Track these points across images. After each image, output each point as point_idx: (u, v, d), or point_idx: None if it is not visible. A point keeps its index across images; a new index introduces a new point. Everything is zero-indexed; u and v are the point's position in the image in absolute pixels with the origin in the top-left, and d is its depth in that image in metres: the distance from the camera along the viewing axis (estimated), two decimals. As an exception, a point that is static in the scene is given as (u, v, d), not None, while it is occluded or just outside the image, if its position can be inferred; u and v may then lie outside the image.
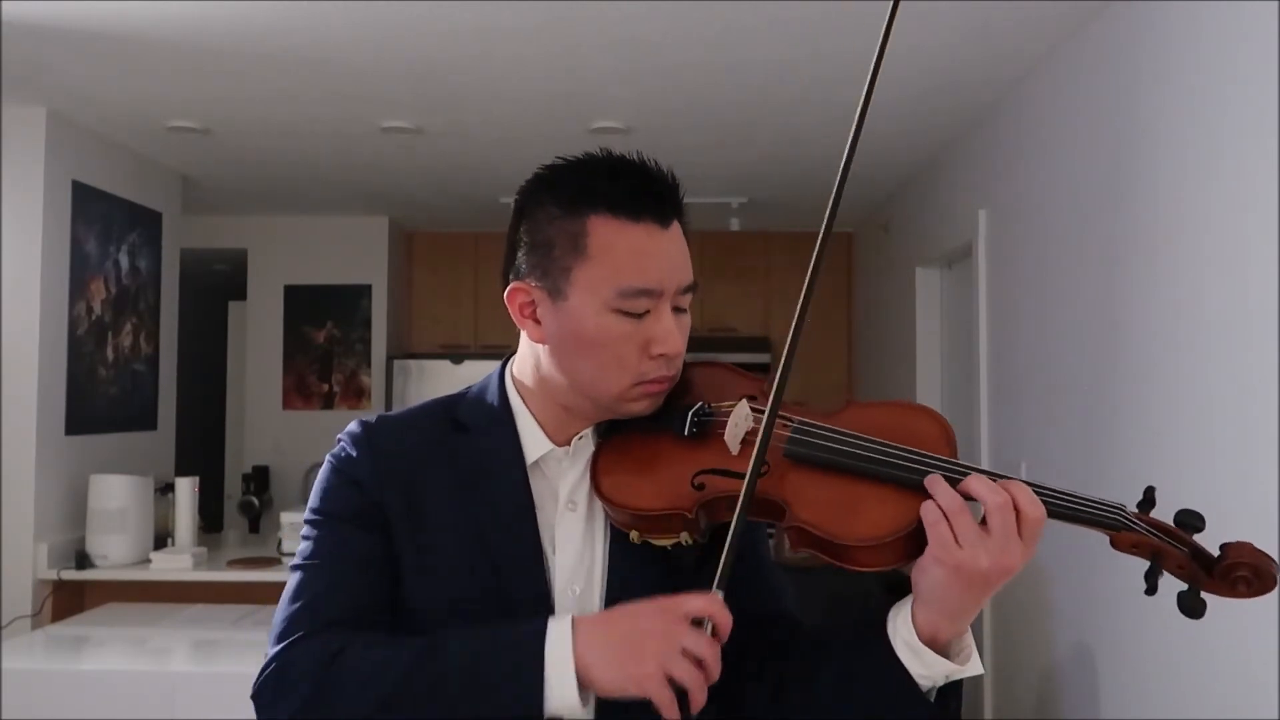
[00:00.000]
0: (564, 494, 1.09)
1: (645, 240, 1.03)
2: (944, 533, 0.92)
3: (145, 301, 4.33)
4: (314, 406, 5.77)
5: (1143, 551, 0.95)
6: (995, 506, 0.92)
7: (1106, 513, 0.95)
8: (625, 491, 1.04)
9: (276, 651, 0.99)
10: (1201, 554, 0.93)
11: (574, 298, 1.03)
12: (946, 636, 0.97)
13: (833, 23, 2.85)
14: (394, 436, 1.11)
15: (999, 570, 0.92)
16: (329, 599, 1.03)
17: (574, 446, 1.10)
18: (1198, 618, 0.91)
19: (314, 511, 1.09)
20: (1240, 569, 0.90)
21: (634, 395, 1.05)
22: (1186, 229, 2.30)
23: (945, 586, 0.94)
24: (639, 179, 1.04)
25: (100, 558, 3.68)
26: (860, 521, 0.95)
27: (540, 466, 1.10)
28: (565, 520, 1.09)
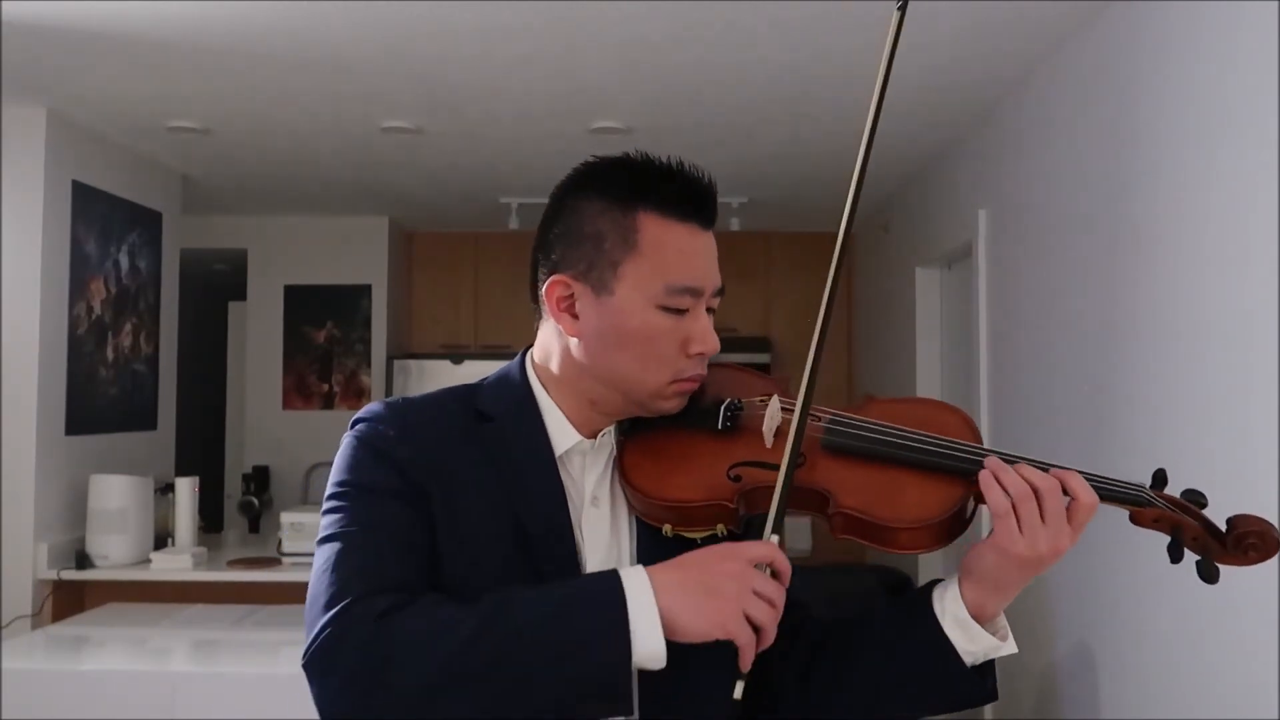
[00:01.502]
0: (588, 489, 1.09)
1: (691, 240, 1.06)
2: (1010, 524, 0.96)
3: (145, 301, 4.33)
4: (314, 406, 5.77)
5: (1163, 526, 1.03)
6: (1048, 491, 0.97)
7: (1132, 491, 1.03)
8: (661, 484, 1.05)
9: (329, 616, 0.92)
10: (1212, 526, 1.02)
11: (620, 292, 1.04)
12: (990, 612, 1.03)
13: (833, 23, 2.85)
14: (423, 417, 1.08)
15: (1052, 554, 0.98)
16: (376, 566, 0.97)
17: (599, 440, 1.10)
18: (1214, 582, 1.01)
19: (343, 484, 1.03)
20: (1249, 536, 0.99)
21: (668, 393, 1.07)
22: (1186, 229, 2.30)
23: (1000, 569, 0.99)
24: (688, 181, 1.07)
25: (100, 558, 3.68)
26: (906, 504, 1.00)
27: (564, 460, 1.09)
28: (590, 516, 1.08)
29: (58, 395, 3.71)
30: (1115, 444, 2.63)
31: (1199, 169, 2.25)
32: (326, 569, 0.97)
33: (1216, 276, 2.18)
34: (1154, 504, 1.02)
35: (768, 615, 0.92)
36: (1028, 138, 3.28)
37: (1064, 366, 2.98)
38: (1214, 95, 2.20)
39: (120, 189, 4.11)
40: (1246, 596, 2.05)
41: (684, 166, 1.07)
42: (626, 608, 0.91)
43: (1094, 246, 2.78)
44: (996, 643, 1.03)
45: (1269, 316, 1.97)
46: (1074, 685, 2.91)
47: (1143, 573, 2.48)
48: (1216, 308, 2.18)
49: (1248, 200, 2.06)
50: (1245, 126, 2.07)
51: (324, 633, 0.92)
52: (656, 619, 0.91)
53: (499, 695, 0.89)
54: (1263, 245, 2.00)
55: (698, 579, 0.93)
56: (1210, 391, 2.20)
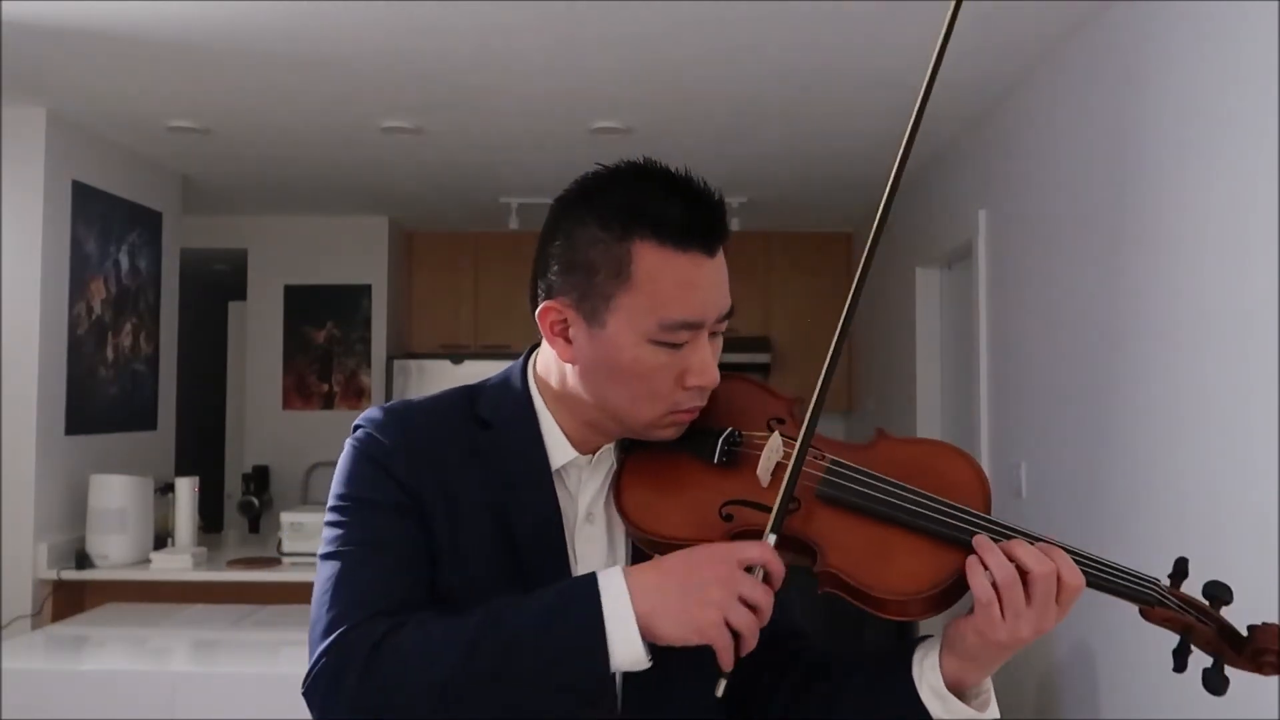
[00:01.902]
0: (584, 505, 1.07)
1: (691, 271, 0.99)
2: (993, 612, 0.92)
3: (145, 301, 4.33)
4: (314, 406, 5.77)
5: (1173, 626, 0.97)
6: (1040, 576, 0.92)
7: (1142, 586, 0.97)
8: (651, 517, 1.02)
9: (326, 645, 0.92)
10: (1229, 632, 0.95)
11: (612, 326, 0.99)
12: (971, 684, 0.99)
13: (833, 22, 2.85)
14: (422, 425, 1.06)
15: (1035, 635, 0.94)
16: (375, 586, 0.97)
17: (597, 456, 1.08)
18: (1220, 694, 0.94)
19: (343, 498, 1.03)
20: (1267, 653, 0.93)
21: (664, 424, 1.03)
22: (1187, 228, 2.30)
23: (981, 649, 0.96)
24: (688, 203, 0.99)
25: (100, 558, 3.68)
26: (894, 574, 0.94)
27: (561, 474, 1.07)
28: (584, 532, 1.07)
29: (58, 395, 3.71)
30: (1114, 443, 2.63)
31: (1199, 169, 2.25)
32: (326, 591, 0.97)
33: (1216, 275, 2.18)
34: (1164, 603, 0.96)
35: (749, 624, 0.90)
36: (1028, 138, 3.28)
37: (1064, 366, 2.98)
38: (1214, 95, 2.20)
39: (120, 189, 4.11)
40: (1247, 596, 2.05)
41: (689, 184, 1.00)
42: (603, 615, 0.90)
43: (1094, 246, 2.78)
44: (974, 714, 0.99)
45: (1269, 316, 1.97)
46: (1074, 685, 2.91)
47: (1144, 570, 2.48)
48: (1217, 307, 2.18)
49: (1248, 199, 2.06)
50: (1245, 126, 2.07)
51: (322, 661, 0.92)
52: (633, 624, 0.90)
53: (492, 708, 0.90)
54: (1263, 244, 2.00)
55: (680, 583, 0.91)
56: (1210, 391, 2.20)
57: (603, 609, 0.90)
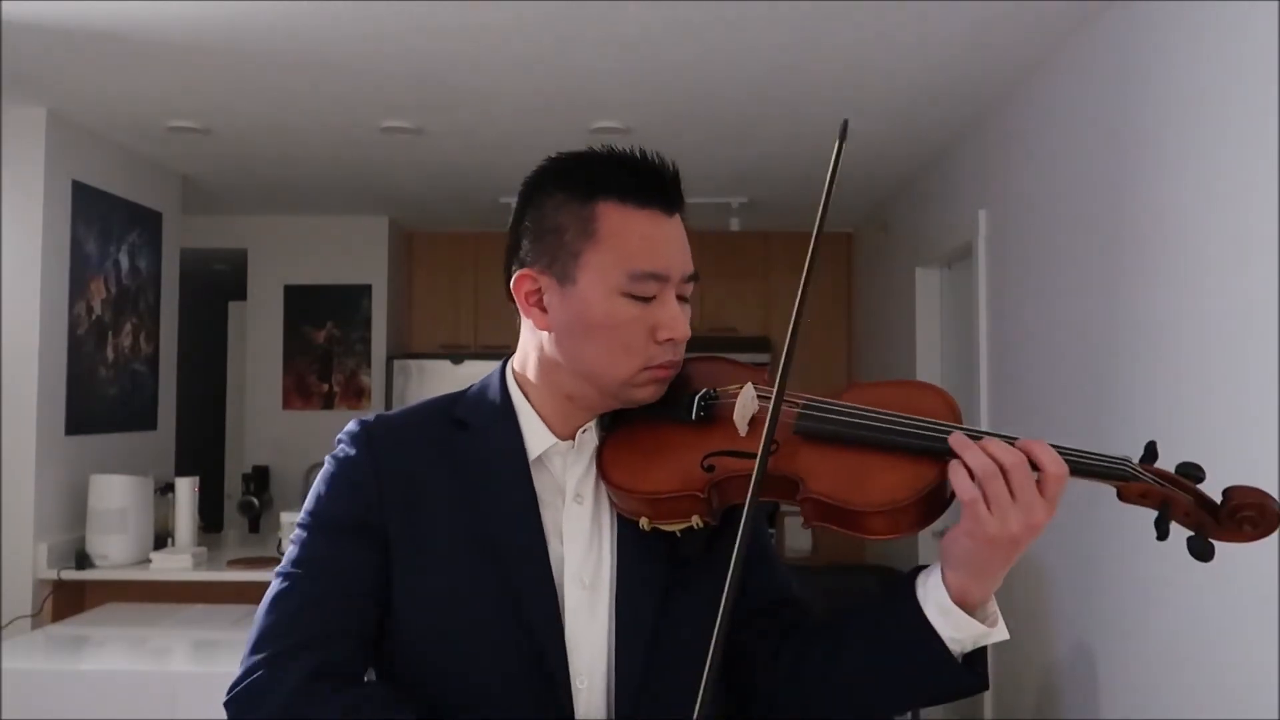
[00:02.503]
0: (571, 487, 1.09)
1: (652, 226, 1.06)
2: (979, 508, 0.92)
3: (145, 301, 4.33)
4: (314, 406, 5.77)
5: (1151, 501, 0.97)
6: (1013, 466, 0.93)
7: (1115, 464, 0.98)
8: (636, 477, 1.04)
9: (254, 662, 1.00)
10: (1206, 500, 0.96)
11: (583, 281, 1.04)
12: (976, 598, 0.99)
13: (833, 22, 2.85)
14: (394, 435, 1.11)
15: (1027, 531, 0.93)
16: (307, 616, 1.02)
17: (579, 440, 1.10)
18: (1207, 560, 0.94)
19: (308, 514, 1.08)
20: (1245, 509, 0.93)
21: (641, 380, 1.06)
22: (1187, 228, 2.30)
23: (976, 553, 0.95)
24: (645, 169, 1.07)
25: (100, 558, 3.68)
26: (875, 488, 0.96)
27: (545, 462, 1.10)
28: (572, 513, 1.09)
29: (58, 395, 3.71)
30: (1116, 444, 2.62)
31: (1199, 168, 2.25)
32: (268, 605, 1.03)
33: (1217, 275, 2.18)
34: (1139, 478, 0.97)
35: None
36: (1028, 138, 3.28)
37: (1064, 366, 2.98)
38: (1214, 95, 2.20)
39: (120, 189, 4.11)
40: (1247, 596, 2.05)
41: (644, 154, 1.08)
42: None
43: (1094, 246, 2.78)
44: (984, 629, 0.99)
45: (1269, 315, 1.97)
46: (1074, 685, 2.91)
47: (1143, 572, 2.48)
48: (1217, 307, 2.18)
49: (1248, 199, 2.06)
50: (1245, 126, 2.07)
51: (249, 678, 1.00)
52: None
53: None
54: (1263, 244, 2.00)
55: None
56: (1211, 390, 2.20)
57: None
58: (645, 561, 1.07)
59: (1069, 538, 2.94)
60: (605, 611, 1.06)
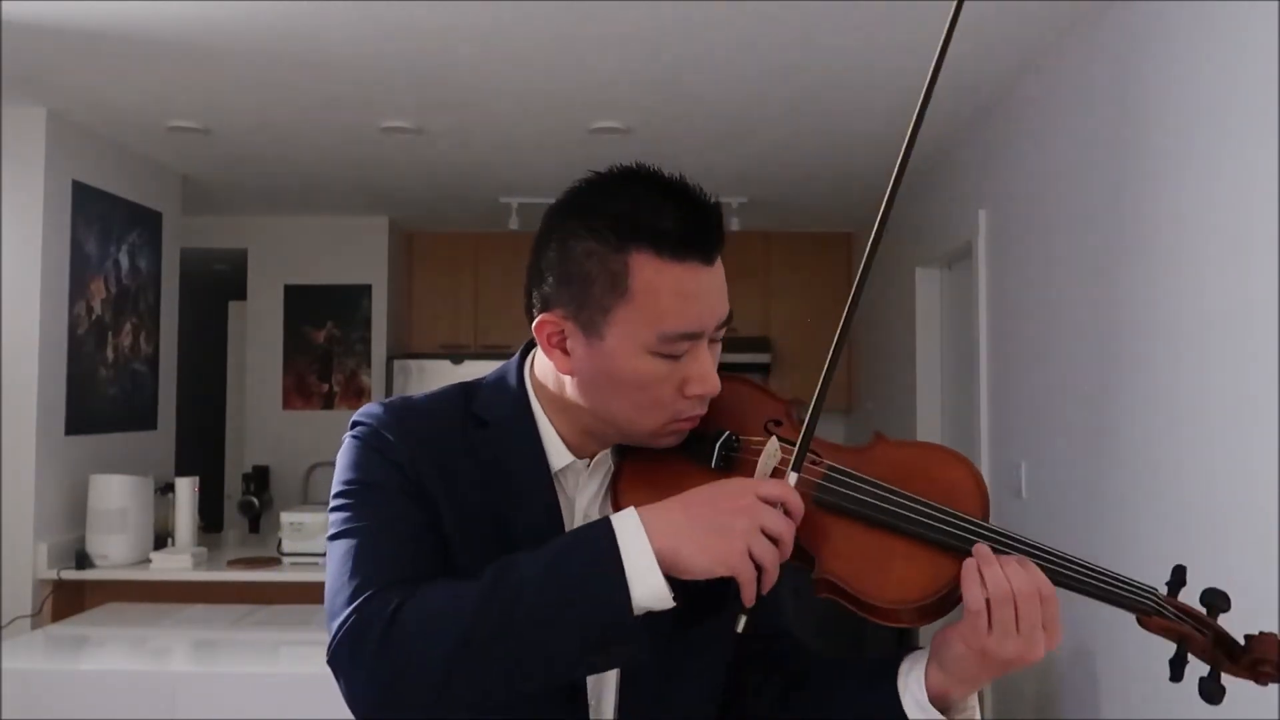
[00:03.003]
0: (581, 507, 1.06)
1: (689, 281, 0.97)
2: (980, 624, 0.91)
3: (145, 301, 4.33)
4: (314, 406, 5.77)
5: (1170, 635, 0.97)
6: (1025, 598, 0.92)
7: (1139, 596, 0.97)
8: None
9: (348, 611, 0.91)
10: (1226, 641, 0.96)
11: (611, 338, 0.97)
12: (956, 698, 0.99)
13: (832, 22, 2.85)
14: (421, 421, 1.05)
15: (1021, 660, 0.93)
16: (392, 560, 0.96)
17: (594, 460, 1.07)
18: (1216, 704, 0.94)
19: (349, 483, 1.01)
20: (1265, 664, 0.94)
21: (666, 432, 1.02)
22: (1187, 228, 2.30)
23: (966, 661, 0.95)
24: (683, 211, 0.97)
25: (100, 558, 3.68)
26: (890, 582, 0.94)
27: (559, 477, 1.06)
28: None
29: (58, 395, 3.71)
30: (1114, 443, 2.63)
31: (1199, 168, 2.25)
32: (342, 565, 0.96)
33: (1217, 275, 2.18)
34: (1161, 613, 0.96)
35: (771, 556, 0.89)
36: (1028, 138, 3.28)
37: (1064, 366, 2.98)
38: (1214, 95, 2.20)
39: (120, 189, 4.11)
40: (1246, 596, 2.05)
41: (684, 190, 0.98)
42: (619, 549, 0.88)
43: (1094, 246, 2.78)
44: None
45: (1269, 316, 1.97)
46: (1074, 685, 2.91)
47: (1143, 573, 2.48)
48: (1217, 307, 2.18)
49: (1248, 199, 2.06)
50: (1246, 125, 2.07)
51: (344, 627, 0.91)
52: (651, 557, 0.88)
53: (514, 658, 0.87)
54: (1263, 244, 2.00)
55: (703, 517, 0.90)
56: (1211, 390, 2.19)
57: (618, 543, 0.89)
58: None
59: (1068, 537, 2.94)
60: None
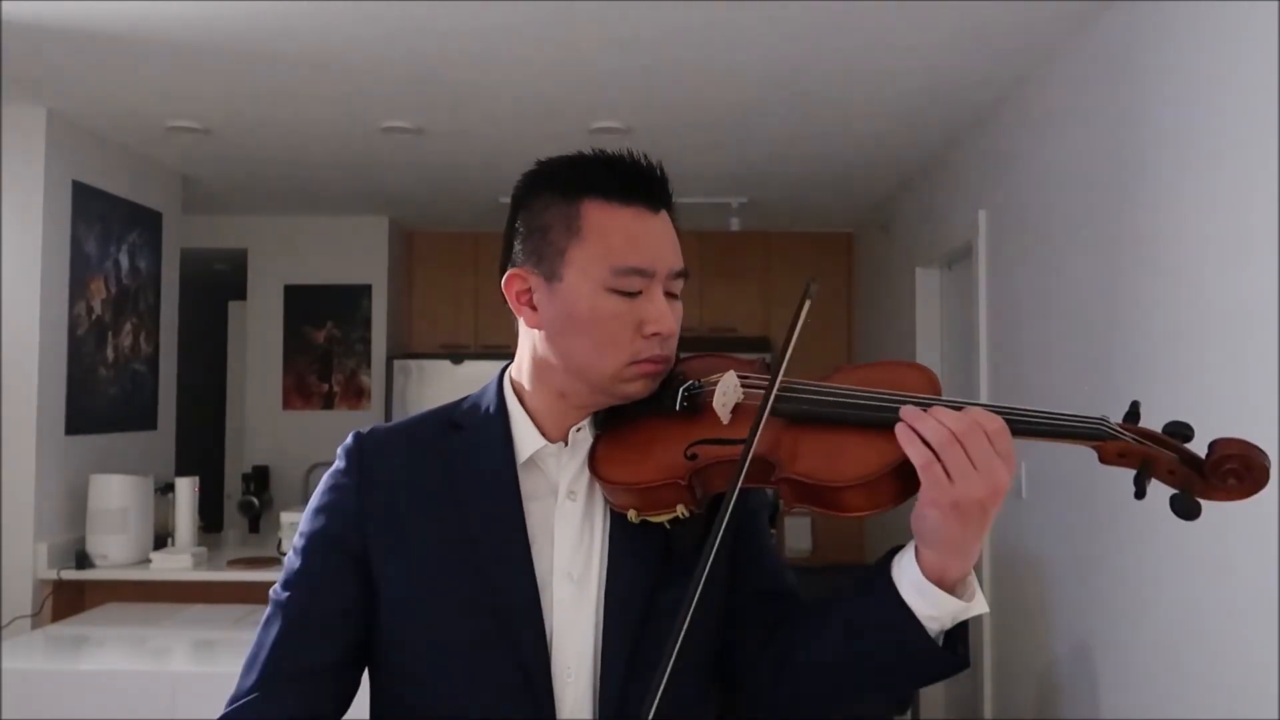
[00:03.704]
0: (564, 486, 1.11)
1: (636, 222, 1.07)
2: (936, 472, 0.91)
3: (145, 301, 4.33)
4: (314, 406, 5.77)
5: (1131, 460, 0.94)
6: (965, 432, 0.92)
7: (1089, 424, 0.95)
8: (622, 469, 1.06)
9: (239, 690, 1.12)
10: (1191, 457, 0.93)
11: (569, 278, 1.06)
12: (954, 575, 0.97)
13: (832, 22, 2.85)
14: (385, 445, 1.15)
15: (991, 493, 0.91)
16: (287, 647, 1.09)
17: (572, 439, 1.11)
18: (1193, 518, 0.92)
19: (298, 534, 1.15)
20: (1229, 461, 0.90)
21: (629, 375, 1.07)
22: (1187, 228, 2.30)
23: (943, 524, 0.93)
24: (630, 168, 1.09)
25: (100, 558, 3.68)
26: (846, 463, 0.96)
27: (538, 462, 1.11)
28: (565, 509, 1.10)
29: (58, 395, 3.71)
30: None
31: (1199, 169, 2.25)
32: (260, 629, 1.12)
33: (1217, 275, 2.18)
34: (1118, 436, 0.94)
35: None
36: (1028, 138, 3.29)
37: (1064, 366, 2.98)
38: (1214, 95, 2.20)
39: (120, 189, 4.11)
40: (1246, 595, 2.05)
41: (631, 155, 1.10)
42: None
43: (1094, 246, 2.78)
44: (961, 605, 0.97)
45: (1269, 316, 1.97)
46: (1074, 685, 2.91)
47: (1142, 571, 2.48)
48: (1217, 307, 2.18)
49: (1248, 199, 2.06)
50: (1245, 126, 2.07)
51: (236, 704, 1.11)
52: None
53: None
54: (1263, 244, 2.00)
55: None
56: (1211, 390, 2.20)
57: None
58: (636, 556, 1.08)
59: (1068, 536, 2.94)
60: (593, 605, 1.08)
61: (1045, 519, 3.11)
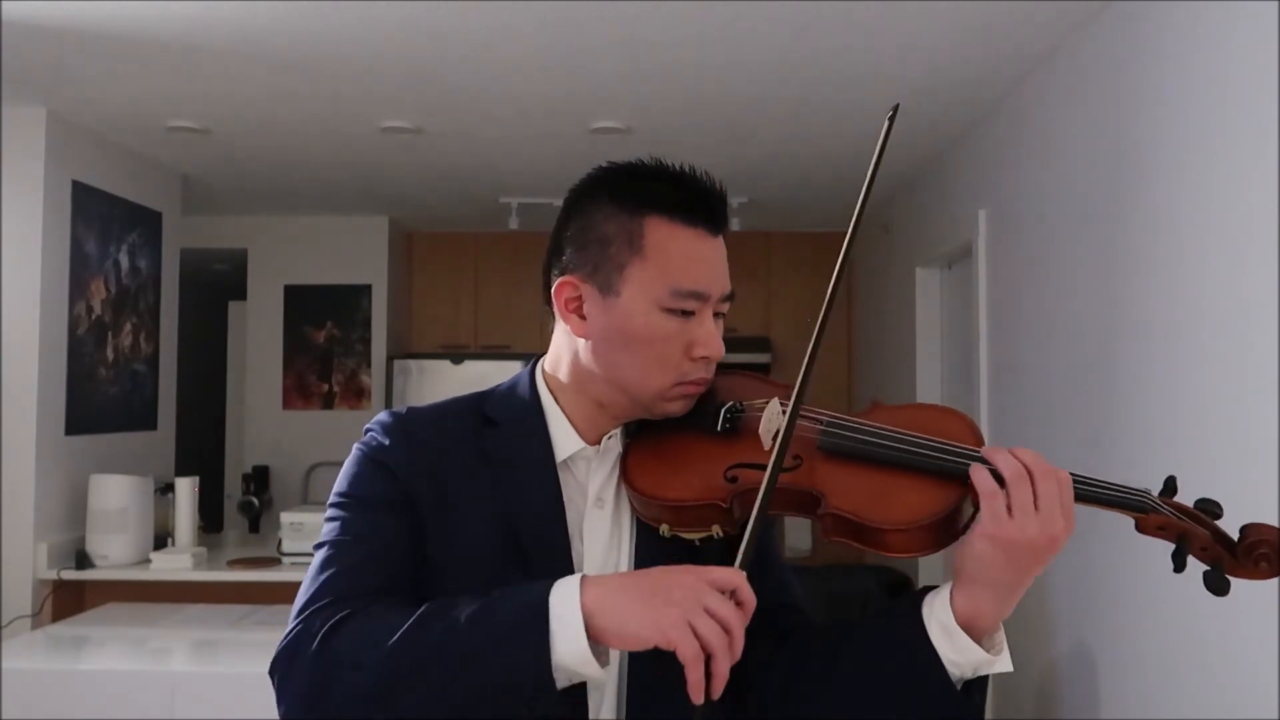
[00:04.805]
0: (593, 491, 1.10)
1: (698, 245, 1.07)
2: (999, 505, 0.92)
3: (145, 301, 4.33)
4: (314, 406, 5.77)
5: (1169, 534, 0.98)
6: (1043, 474, 0.93)
7: (1134, 496, 0.98)
8: (660, 484, 1.05)
9: (291, 627, 0.99)
10: (1223, 536, 0.97)
11: (625, 294, 1.05)
12: (987, 622, 0.97)
13: (832, 22, 2.85)
14: (426, 427, 1.12)
15: (1046, 540, 0.92)
16: (352, 574, 1.02)
17: (604, 446, 1.12)
18: (1223, 594, 0.96)
19: (340, 495, 1.09)
20: (1261, 546, 0.95)
21: (672, 395, 1.07)
22: (1186, 229, 2.30)
23: (991, 562, 0.93)
24: (695, 187, 1.08)
25: (100, 558, 3.68)
26: (896, 507, 0.97)
27: (569, 465, 1.11)
28: (593, 516, 1.10)
29: (58, 395, 3.71)
30: (1116, 444, 2.63)
31: (1199, 169, 2.25)
32: (310, 578, 1.04)
33: (1216, 276, 2.18)
34: (1159, 510, 0.97)
35: (718, 637, 0.87)
36: (1028, 138, 3.29)
37: (1064, 366, 2.98)
38: (1214, 95, 2.20)
39: (120, 189, 4.11)
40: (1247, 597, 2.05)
41: (694, 172, 1.09)
42: (548, 609, 0.90)
43: (1094, 246, 2.78)
44: (986, 657, 0.97)
45: (1269, 316, 1.97)
46: (1074, 685, 2.91)
47: (1143, 573, 2.48)
48: (1217, 307, 2.18)
49: (1247, 199, 2.06)
50: (1245, 126, 2.07)
51: (287, 637, 0.98)
52: (579, 618, 0.89)
53: (434, 693, 0.91)
54: (1263, 244, 2.00)
55: (644, 584, 0.91)
56: (1211, 392, 2.20)
57: (548, 603, 0.90)
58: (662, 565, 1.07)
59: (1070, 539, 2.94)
60: None
61: (1045, 519, 3.11)
